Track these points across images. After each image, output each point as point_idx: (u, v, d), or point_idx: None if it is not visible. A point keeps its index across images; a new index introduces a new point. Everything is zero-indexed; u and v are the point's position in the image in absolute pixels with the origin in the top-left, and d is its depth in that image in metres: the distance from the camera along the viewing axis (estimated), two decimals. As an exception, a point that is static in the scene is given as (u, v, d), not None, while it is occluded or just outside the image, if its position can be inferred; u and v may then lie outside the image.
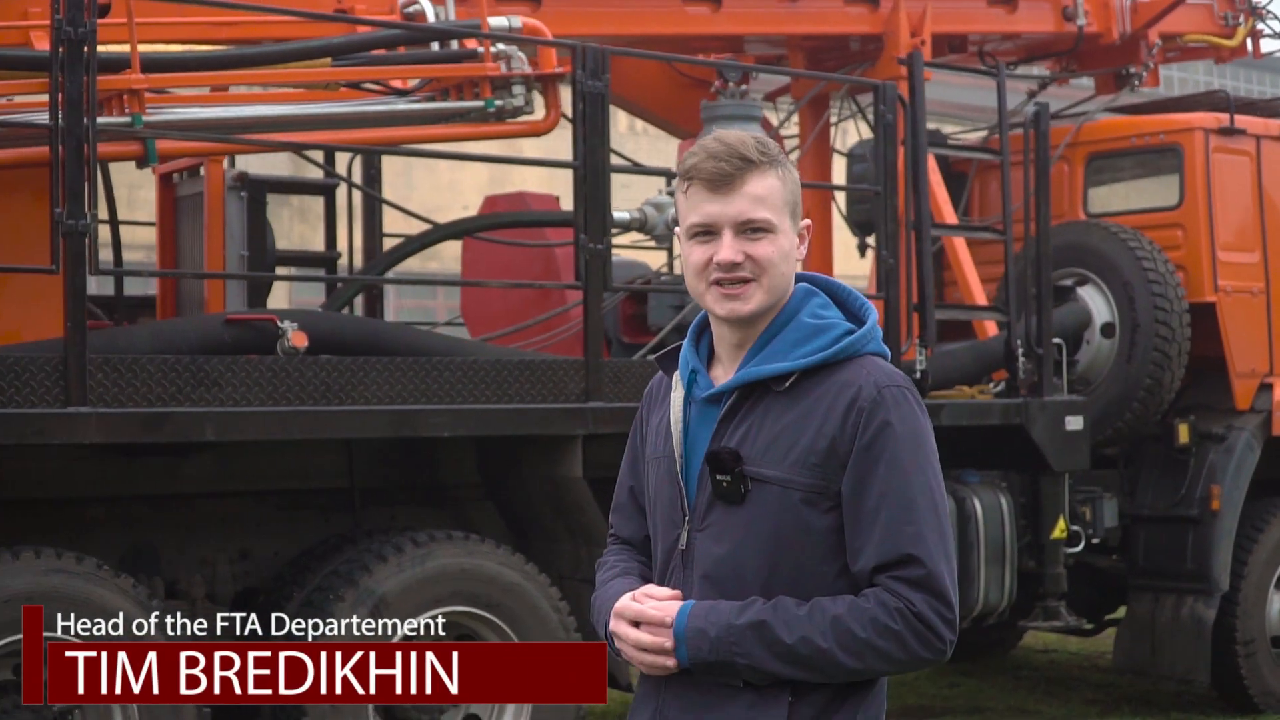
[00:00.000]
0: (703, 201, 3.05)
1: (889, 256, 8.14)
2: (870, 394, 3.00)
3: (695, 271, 3.09)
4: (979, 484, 8.64)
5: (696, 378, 3.18)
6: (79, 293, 6.10)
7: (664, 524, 3.17)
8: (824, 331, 3.08)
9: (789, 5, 9.19)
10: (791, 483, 3.02)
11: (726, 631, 2.98)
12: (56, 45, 6.09)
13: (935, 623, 2.96)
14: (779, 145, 3.04)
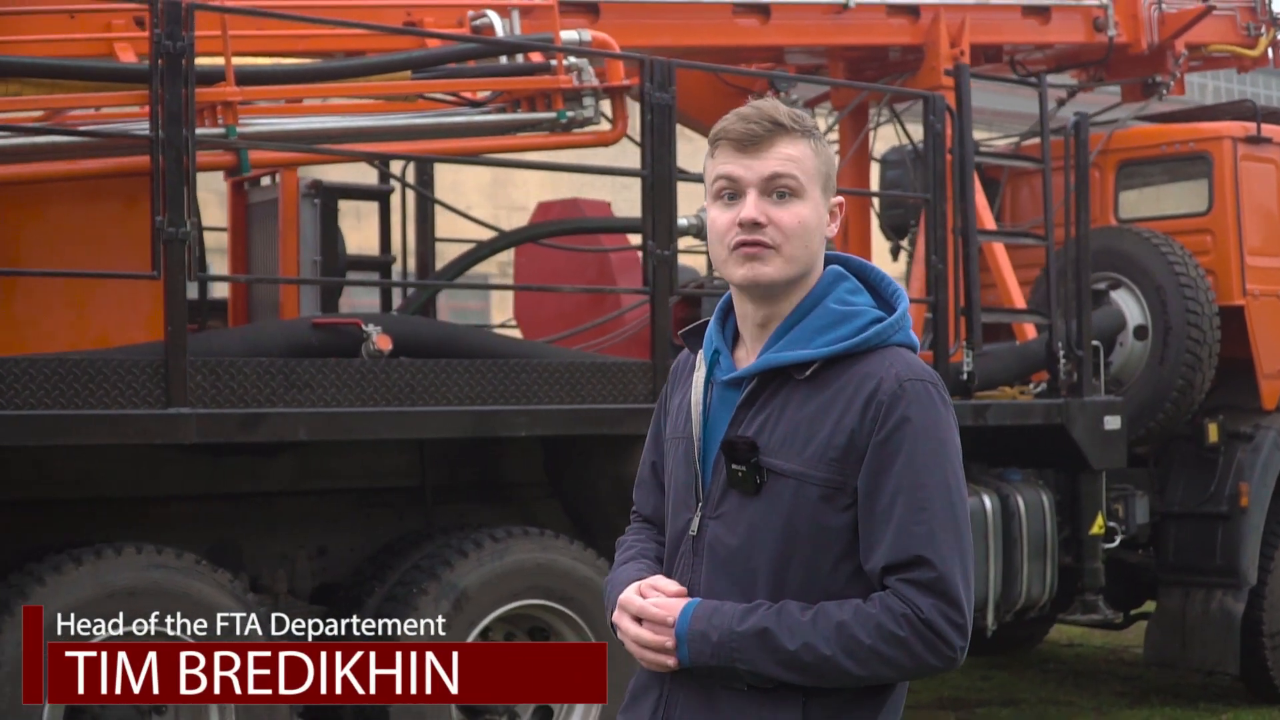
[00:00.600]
0: (729, 160, 2.96)
1: (938, 262, 8.41)
2: (891, 387, 2.91)
3: (718, 235, 2.99)
4: (1021, 482, 8.90)
5: (719, 358, 3.09)
6: (179, 298, 6.34)
7: (677, 506, 3.09)
8: (850, 319, 2.99)
9: (834, 17, 9.44)
10: (808, 477, 2.93)
11: (729, 637, 2.90)
12: (156, 58, 6.32)
13: (944, 629, 2.87)
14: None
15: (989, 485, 8.77)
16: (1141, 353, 9.73)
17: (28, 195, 6.87)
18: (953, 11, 9.70)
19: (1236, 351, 9.82)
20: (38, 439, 6.17)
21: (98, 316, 7.04)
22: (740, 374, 3.01)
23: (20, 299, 6.88)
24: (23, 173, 6.62)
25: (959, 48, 9.62)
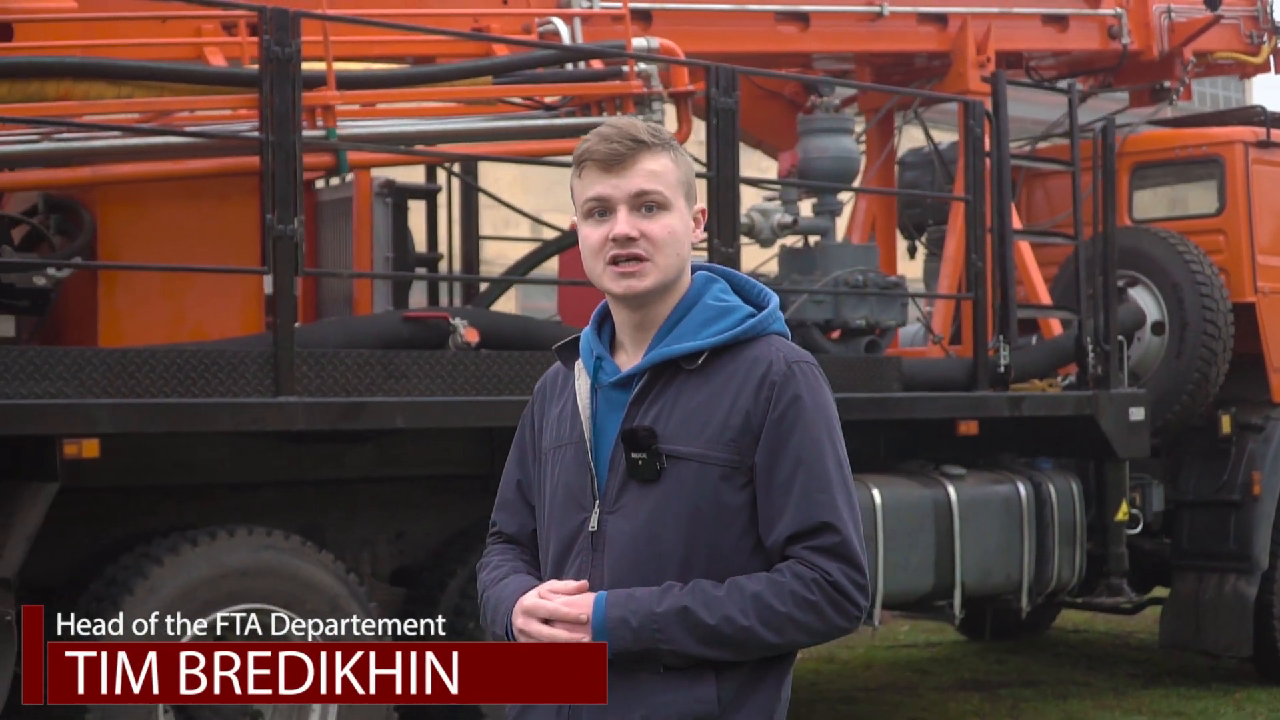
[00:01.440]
0: (597, 181, 3.07)
1: (977, 260, 8.80)
2: (781, 369, 3.04)
3: (592, 251, 3.11)
4: (1051, 470, 9.31)
5: (602, 364, 3.18)
6: (288, 292, 6.67)
7: (566, 510, 3.14)
8: (729, 313, 3.11)
9: (869, 25, 9.82)
10: (708, 458, 3.03)
11: (649, 619, 2.97)
12: (265, 64, 6.65)
13: (850, 590, 3.00)
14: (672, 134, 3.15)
15: (1022, 473, 9.17)
16: (1158, 348, 10.13)
17: (130, 193, 7.17)
18: (978, 20, 10.09)
19: (1247, 347, 10.24)
20: (161, 426, 6.49)
21: (193, 310, 7.34)
22: (631, 371, 3.11)
23: (121, 292, 7.18)
24: (134, 172, 6.92)
25: (985, 54, 10.02)
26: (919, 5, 10.01)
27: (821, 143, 9.23)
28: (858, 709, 9.84)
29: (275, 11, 6.65)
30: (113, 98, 6.76)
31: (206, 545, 6.61)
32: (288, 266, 6.64)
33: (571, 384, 3.20)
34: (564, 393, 3.22)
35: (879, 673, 11.15)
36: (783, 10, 9.50)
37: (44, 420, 6.18)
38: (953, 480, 8.82)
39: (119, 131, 6.84)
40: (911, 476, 8.79)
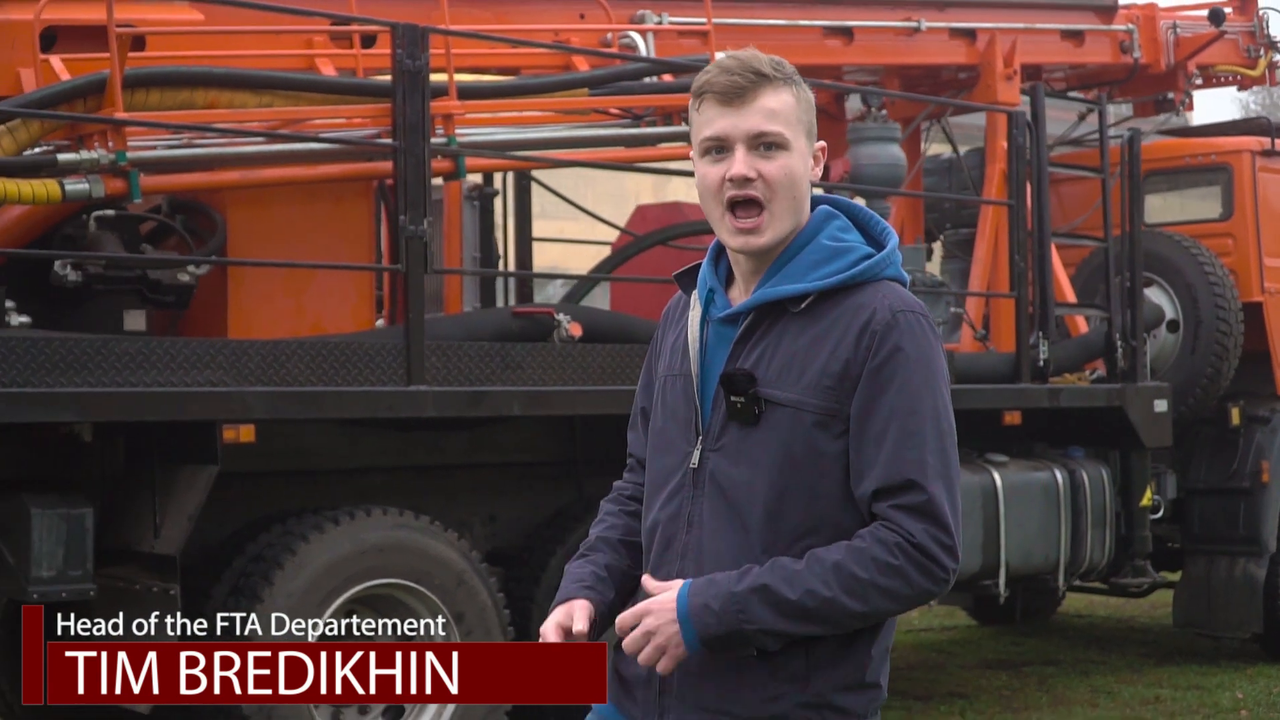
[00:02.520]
0: (716, 116, 3.02)
1: (1020, 261, 9.39)
2: (884, 317, 2.98)
3: (710, 192, 3.06)
4: (1084, 458, 9.90)
5: (714, 297, 3.15)
6: (419, 288, 7.17)
7: (671, 442, 3.13)
8: (843, 254, 3.06)
9: (906, 39, 10.41)
10: (804, 404, 2.99)
11: (730, 600, 2.92)
12: (397, 76, 7.15)
13: (936, 552, 2.94)
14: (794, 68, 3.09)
15: (1057, 461, 9.76)
16: (1173, 344, 10.75)
17: (254, 196, 7.62)
18: (1005, 35, 10.69)
19: (1254, 344, 10.88)
20: (310, 412, 6.98)
21: (312, 305, 7.80)
22: (737, 309, 3.07)
23: (248, 289, 7.63)
24: (277, 176, 7.38)
25: (1012, 67, 10.61)
26: (951, 21, 10.59)
27: (872, 150, 9.79)
28: (896, 685, 10.35)
29: (407, 27, 7.15)
30: (254, 106, 7.23)
31: (347, 524, 7.09)
32: (419, 264, 7.14)
33: (688, 312, 3.19)
34: (680, 321, 3.21)
35: (905, 654, 11.71)
36: (829, 25, 10.07)
37: (206, 406, 6.64)
38: (997, 467, 9.39)
39: (263, 138, 7.27)
40: (963, 463, 9.34)
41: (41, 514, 6.40)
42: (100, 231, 7.24)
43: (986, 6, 10.89)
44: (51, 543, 6.44)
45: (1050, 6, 11.33)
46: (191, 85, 7.04)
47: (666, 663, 2.96)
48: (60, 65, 7.13)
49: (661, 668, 2.97)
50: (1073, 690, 10.12)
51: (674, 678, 3.03)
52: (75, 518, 6.48)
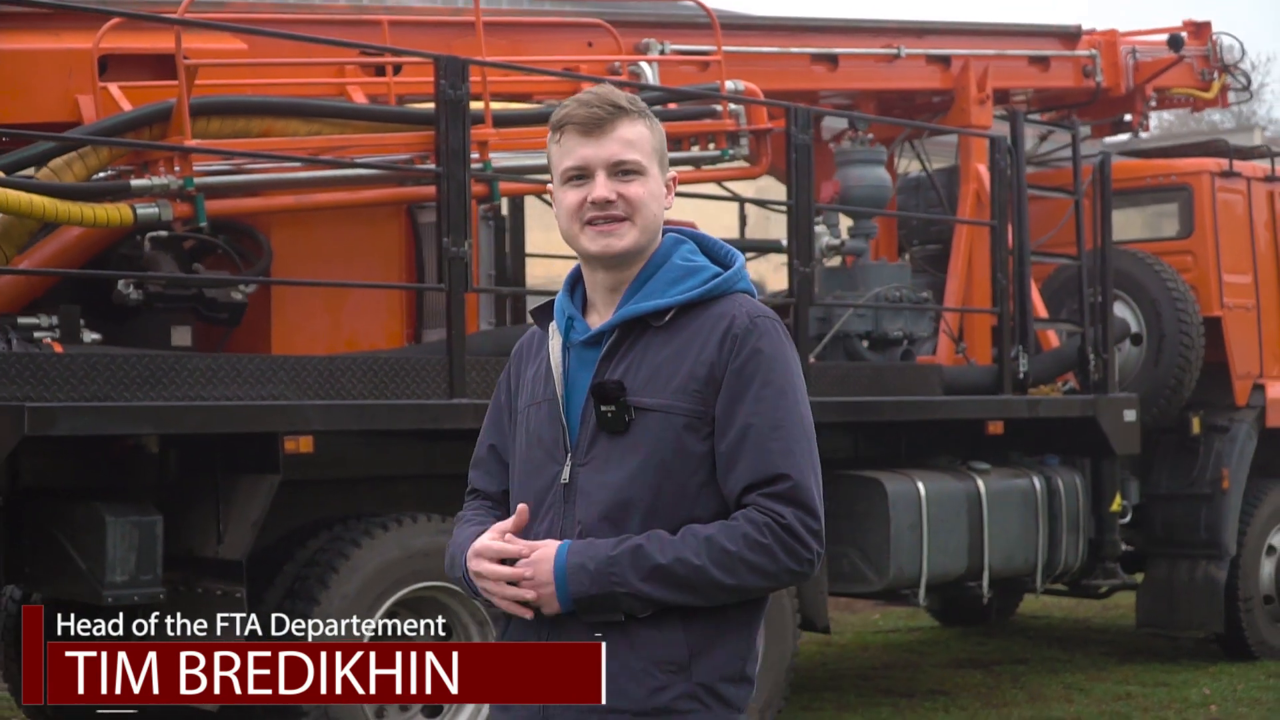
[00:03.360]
0: (576, 146, 3.19)
1: (1002, 278, 9.88)
2: (744, 323, 3.17)
3: (570, 214, 3.22)
4: (1059, 466, 10.41)
5: (574, 324, 3.29)
6: (460, 306, 7.55)
7: (540, 465, 3.24)
8: (696, 273, 3.23)
9: (887, 65, 10.89)
10: (673, 409, 3.14)
11: (605, 562, 3.07)
12: (440, 105, 7.54)
13: (803, 534, 3.10)
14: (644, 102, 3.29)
15: (1035, 469, 10.26)
16: (1137, 357, 11.29)
17: (295, 218, 7.98)
18: (978, 61, 11.19)
19: (1214, 356, 11.43)
20: (363, 424, 7.35)
21: (348, 323, 8.17)
22: (601, 329, 3.24)
23: (290, 307, 8.00)
24: (328, 200, 7.76)
25: (984, 92, 11.12)
26: (928, 48, 11.09)
27: (859, 172, 10.26)
28: (878, 683, 10.88)
29: (449, 59, 7.55)
30: (304, 134, 7.60)
31: (395, 530, 7.47)
32: (460, 283, 7.53)
33: (546, 345, 3.33)
34: (539, 354, 3.35)
35: (877, 654, 12.20)
36: (816, 53, 10.54)
37: (269, 419, 7.01)
38: (980, 475, 9.87)
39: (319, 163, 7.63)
40: (946, 471, 9.83)
41: (116, 521, 6.74)
42: (156, 252, 7.58)
43: (960, 33, 11.40)
44: (124, 548, 6.78)
45: (1017, 33, 11.87)
46: (250, 114, 7.41)
47: (527, 612, 3.13)
48: (119, 93, 7.48)
49: (520, 613, 3.13)
50: (1047, 687, 10.63)
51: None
52: (146, 525, 6.82)
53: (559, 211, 3.26)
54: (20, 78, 7.23)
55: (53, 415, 6.48)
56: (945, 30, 11.33)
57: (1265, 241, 11.83)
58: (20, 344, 6.81)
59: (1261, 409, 11.60)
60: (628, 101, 3.21)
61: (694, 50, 9.73)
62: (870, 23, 11.07)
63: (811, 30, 10.67)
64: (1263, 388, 11.65)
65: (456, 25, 8.85)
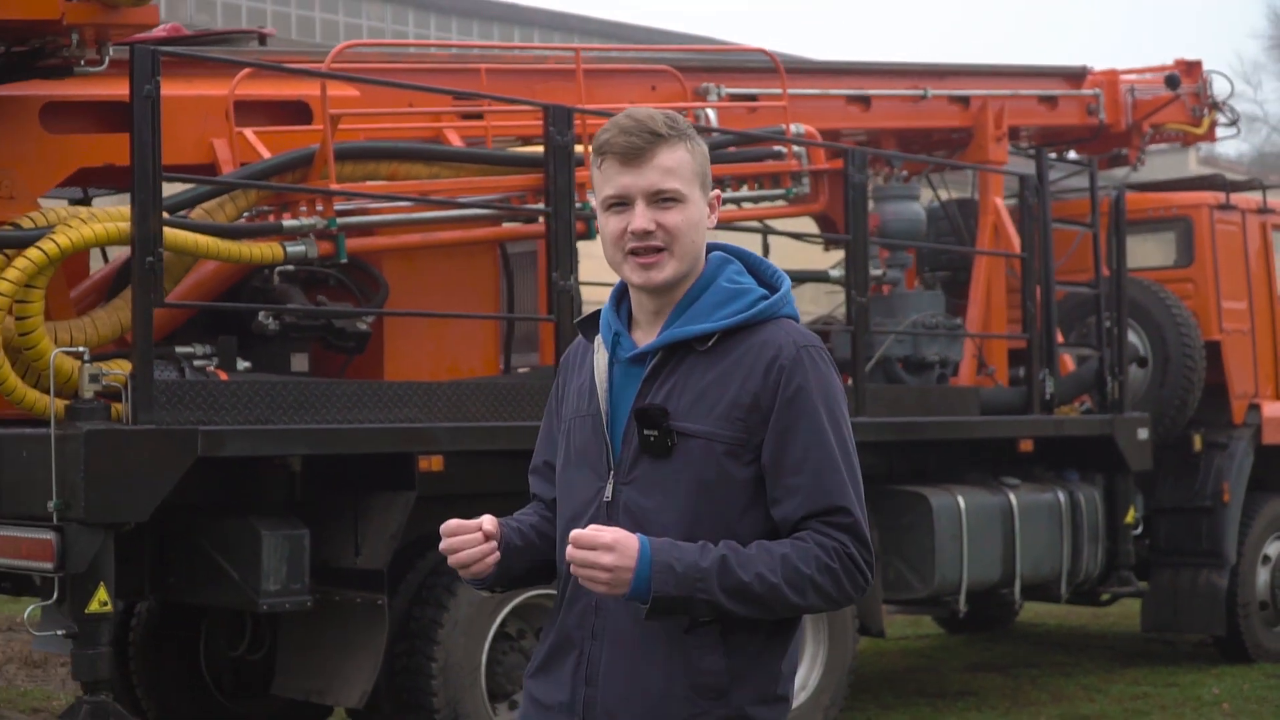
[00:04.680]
0: (616, 174, 3.20)
1: (1031, 306, 10.62)
2: (791, 353, 3.19)
3: (612, 241, 3.25)
4: (1079, 481, 11.14)
5: (620, 339, 3.30)
6: (570, 333, 8.18)
7: (582, 479, 3.27)
8: (742, 295, 3.24)
9: (914, 105, 11.62)
10: (716, 436, 3.16)
11: (693, 569, 3.07)
12: (549, 150, 8.18)
13: (863, 565, 3.19)
14: (687, 120, 3.33)
15: (1058, 483, 10.99)
16: (1142, 379, 12.04)
17: (406, 255, 8.58)
18: (994, 101, 11.93)
19: (1213, 378, 12.21)
20: (486, 444, 7.97)
21: (450, 350, 8.77)
22: (646, 349, 3.25)
23: (400, 335, 8.58)
24: (444, 238, 8.38)
25: (1001, 129, 11.86)
26: (950, 89, 11.82)
27: (896, 207, 10.96)
28: (907, 685, 11.58)
29: (557, 108, 8.20)
30: (426, 177, 8.23)
31: None
32: (566, 313, 8.17)
33: (591, 358, 3.35)
34: (584, 366, 3.38)
35: (895, 659, 12.89)
36: (851, 94, 11.25)
37: (407, 440, 7.63)
38: (1011, 489, 10.58)
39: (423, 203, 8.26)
40: (980, 486, 10.54)
41: (269, 535, 7.34)
42: (285, 285, 8.17)
43: (977, 75, 12.14)
44: (277, 560, 7.37)
45: (1028, 74, 12.62)
46: (381, 158, 8.04)
47: (599, 590, 3.10)
48: (253, 137, 8.07)
49: (591, 589, 3.11)
50: (1065, 688, 11.35)
51: (597, 701, 3.22)
52: (296, 538, 7.42)
53: (602, 236, 3.30)
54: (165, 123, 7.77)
55: (221, 438, 7.08)
56: (964, 72, 12.07)
57: (1258, 270, 12.63)
58: (191, 372, 7.38)
59: (1257, 427, 12.39)
60: (666, 127, 3.21)
61: (745, 94, 10.41)
62: (897, 65, 11.80)
63: (846, 73, 11.39)
64: (1258, 407, 12.44)
65: (543, 72, 9.49)
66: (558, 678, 3.29)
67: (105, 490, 6.75)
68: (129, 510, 6.87)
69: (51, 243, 6.95)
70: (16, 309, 6.95)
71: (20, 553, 6.94)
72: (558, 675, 3.29)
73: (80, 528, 6.72)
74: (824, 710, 9.26)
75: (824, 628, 9.24)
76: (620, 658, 3.21)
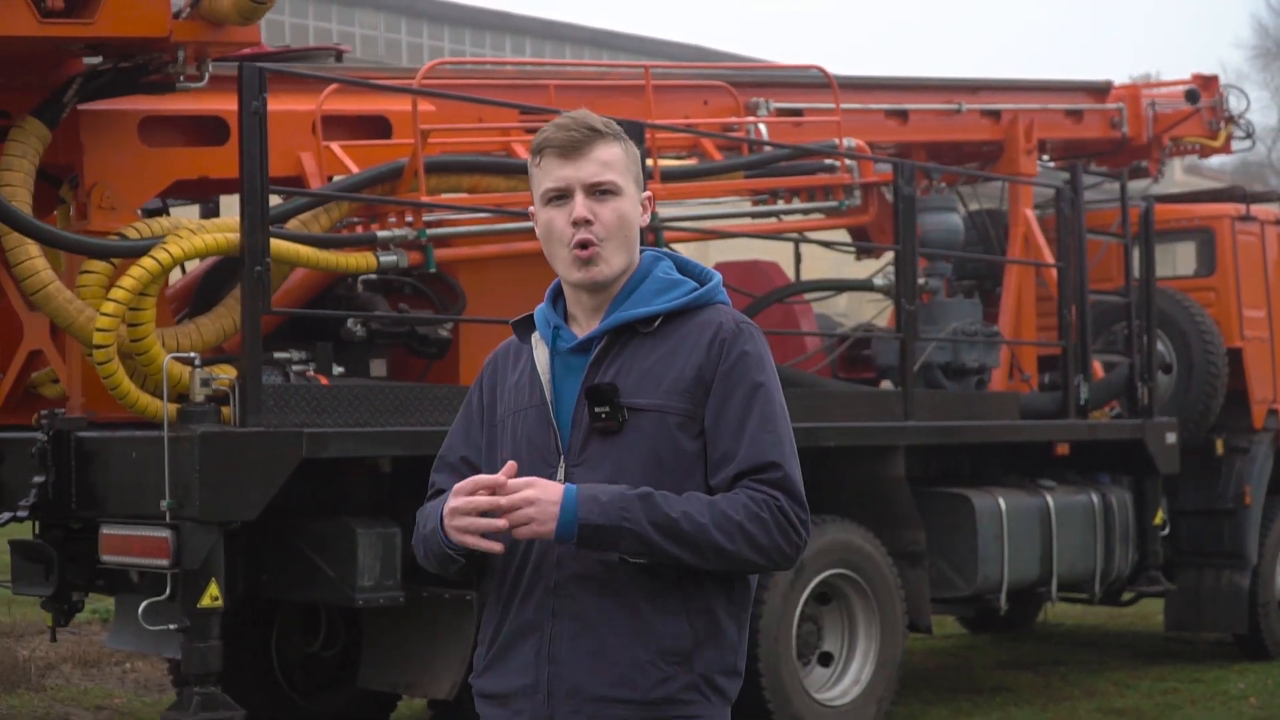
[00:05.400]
0: (556, 168, 3.33)
1: (1067, 315, 10.97)
2: (730, 328, 3.35)
3: (557, 236, 3.35)
4: (1110, 483, 11.51)
5: (559, 332, 3.41)
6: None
7: (531, 469, 3.29)
8: (679, 285, 3.40)
9: (949, 119, 11.98)
10: (666, 408, 3.28)
11: (617, 498, 3.18)
12: (623, 164, 8.50)
13: (795, 521, 3.27)
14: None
15: (1091, 485, 11.35)
16: (1167, 385, 12.41)
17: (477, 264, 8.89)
18: (1024, 115, 12.30)
19: (1234, 384, 12.58)
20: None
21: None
22: (591, 335, 3.37)
23: (475, 342, 8.89)
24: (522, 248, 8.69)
25: (1031, 143, 12.22)
26: (982, 103, 12.19)
27: (936, 218, 11.30)
28: (943, 682, 11.93)
29: (629, 123, 8.44)
30: (505, 190, 8.55)
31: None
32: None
33: (526, 355, 3.44)
34: (519, 364, 3.46)
35: (927, 658, 13.22)
36: (890, 109, 11.62)
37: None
38: (1048, 491, 10.94)
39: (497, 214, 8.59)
40: (1018, 488, 10.89)
41: (364, 533, 7.64)
42: (368, 293, 8.49)
43: (1007, 89, 12.51)
44: (371, 557, 7.68)
45: (1055, 89, 13.00)
46: (466, 172, 8.36)
47: (529, 532, 3.19)
48: (340, 150, 8.39)
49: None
50: (1096, 684, 11.71)
51: (563, 677, 3.27)
52: (388, 536, 7.73)
53: (540, 232, 3.40)
54: (259, 137, 8.06)
55: (325, 440, 7.40)
56: (994, 86, 12.44)
57: (1276, 279, 13.01)
58: (296, 378, 7.70)
59: (1276, 431, 12.78)
60: (603, 125, 3.36)
61: (791, 108, 10.77)
62: (933, 80, 12.17)
63: (885, 88, 11.75)
64: (1277, 412, 12.82)
65: (606, 88, 9.83)
66: (516, 664, 3.33)
67: (218, 490, 7.06)
68: (240, 509, 7.18)
69: (165, 252, 7.26)
70: (129, 316, 7.25)
71: (133, 550, 7.24)
72: (516, 662, 3.34)
73: (195, 526, 7.02)
74: (877, 703, 9.60)
75: (875, 624, 9.59)
76: (583, 632, 3.26)
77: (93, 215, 7.81)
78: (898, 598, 9.68)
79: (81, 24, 7.23)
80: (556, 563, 3.28)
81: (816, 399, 9.46)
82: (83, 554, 7.88)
